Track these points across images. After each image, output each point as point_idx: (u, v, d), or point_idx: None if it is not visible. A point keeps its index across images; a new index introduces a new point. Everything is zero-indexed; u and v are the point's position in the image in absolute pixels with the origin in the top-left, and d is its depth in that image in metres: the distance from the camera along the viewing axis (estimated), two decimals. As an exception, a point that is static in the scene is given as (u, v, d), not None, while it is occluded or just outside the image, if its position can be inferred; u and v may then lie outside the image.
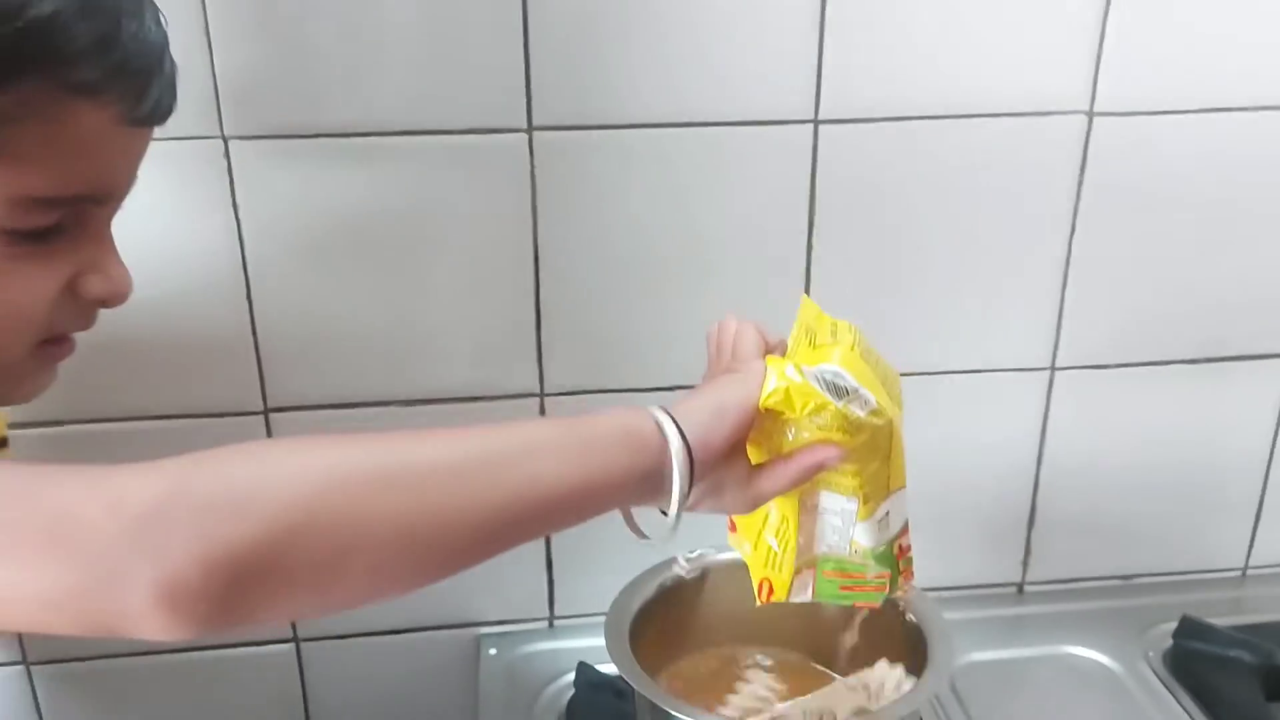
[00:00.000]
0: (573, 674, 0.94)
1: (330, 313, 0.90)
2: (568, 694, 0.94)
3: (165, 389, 0.90)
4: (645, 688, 0.75)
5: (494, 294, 0.91)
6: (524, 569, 1.00)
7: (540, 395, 0.95)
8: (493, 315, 0.92)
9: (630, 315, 0.93)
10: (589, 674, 0.93)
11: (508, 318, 0.92)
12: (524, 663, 0.99)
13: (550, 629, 1.03)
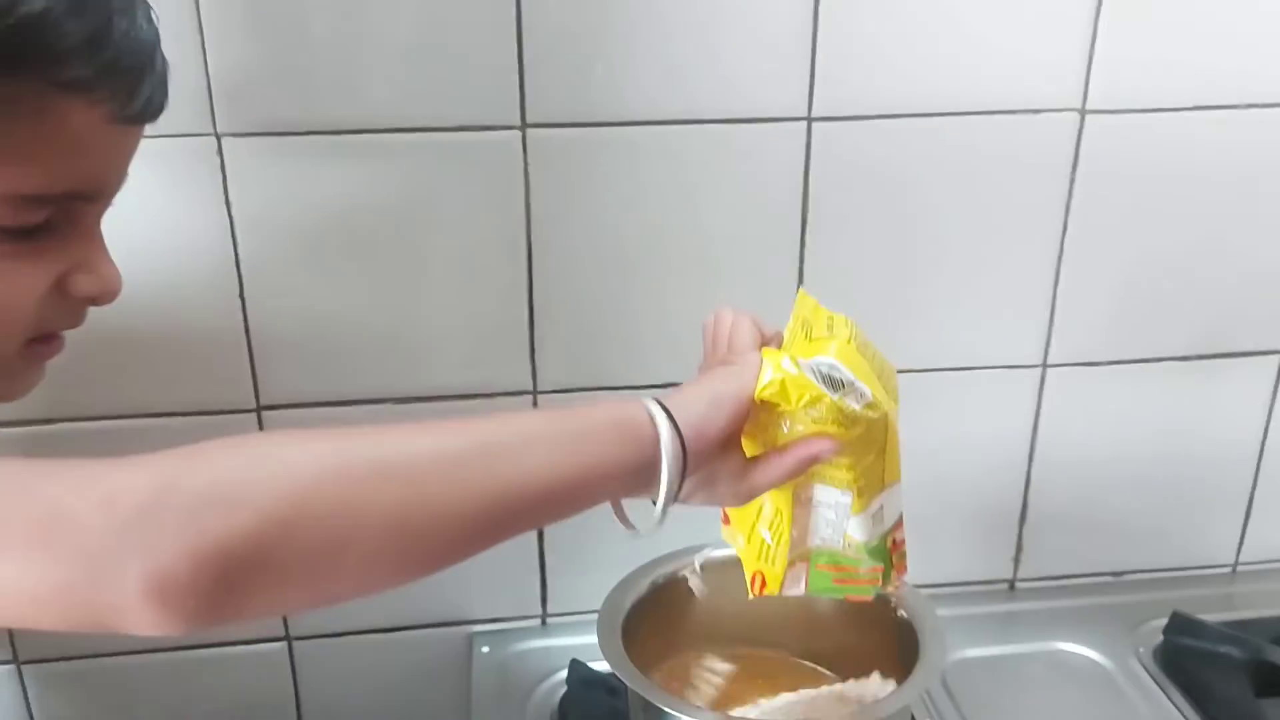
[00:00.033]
0: (565, 672, 0.94)
1: (323, 310, 0.90)
2: (560, 692, 0.94)
3: (157, 386, 0.90)
4: (638, 685, 0.74)
5: (487, 291, 0.91)
6: (517, 567, 1.00)
7: (533, 393, 0.95)
8: (486, 312, 0.92)
9: (623, 312, 0.93)
10: (582, 671, 0.93)
11: (501, 315, 0.92)
12: (517, 660, 0.99)
13: (543, 627, 1.03)
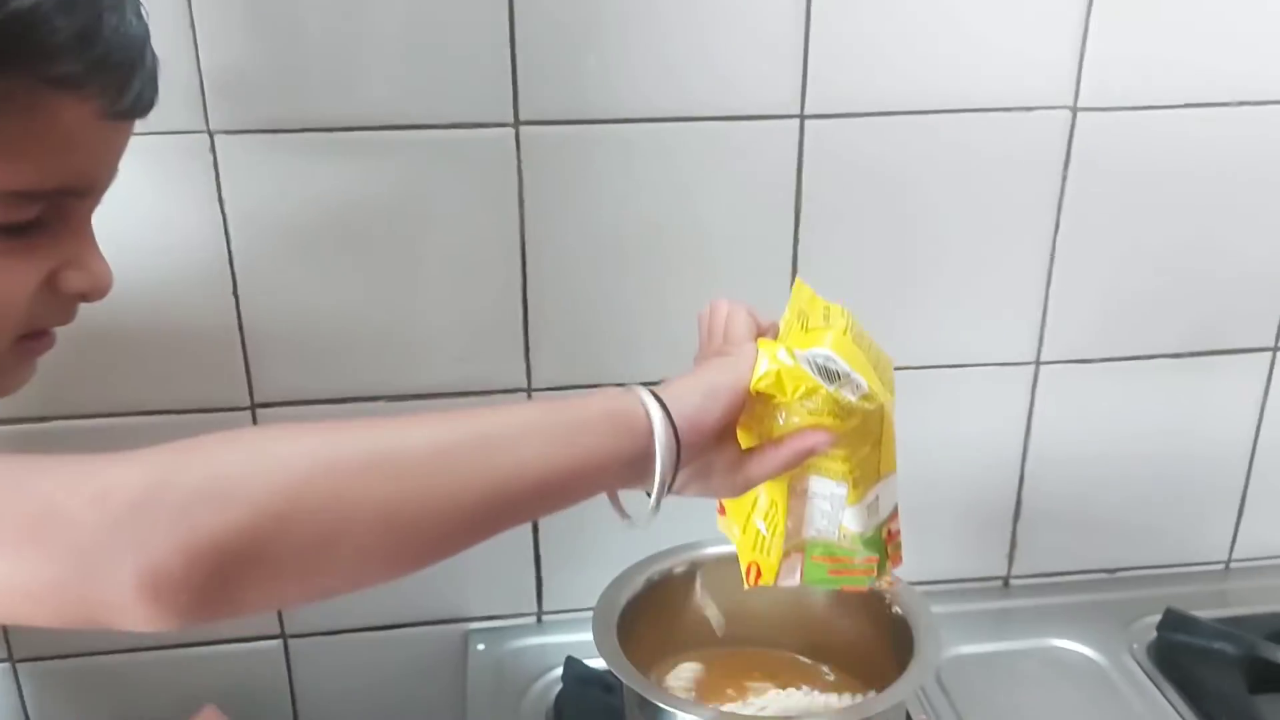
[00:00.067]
0: (561, 669, 0.94)
1: (317, 308, 0.90)
2: (556, 689, 0.94)
3: (151, 384, 0.90)
4: (634, 681, 0.74)
5: (481, 289, 0.91)
6: (512, 564, 1.00)
7: (528, 390, 0.95)
8: (480, 310, 0.92)
9: (617, 309, 0.93)
10: (577, 669, 0.93)
11: (495, 312, 0.92)
12: (512, 658, 0.99)
13: (538, 624, 1.03)
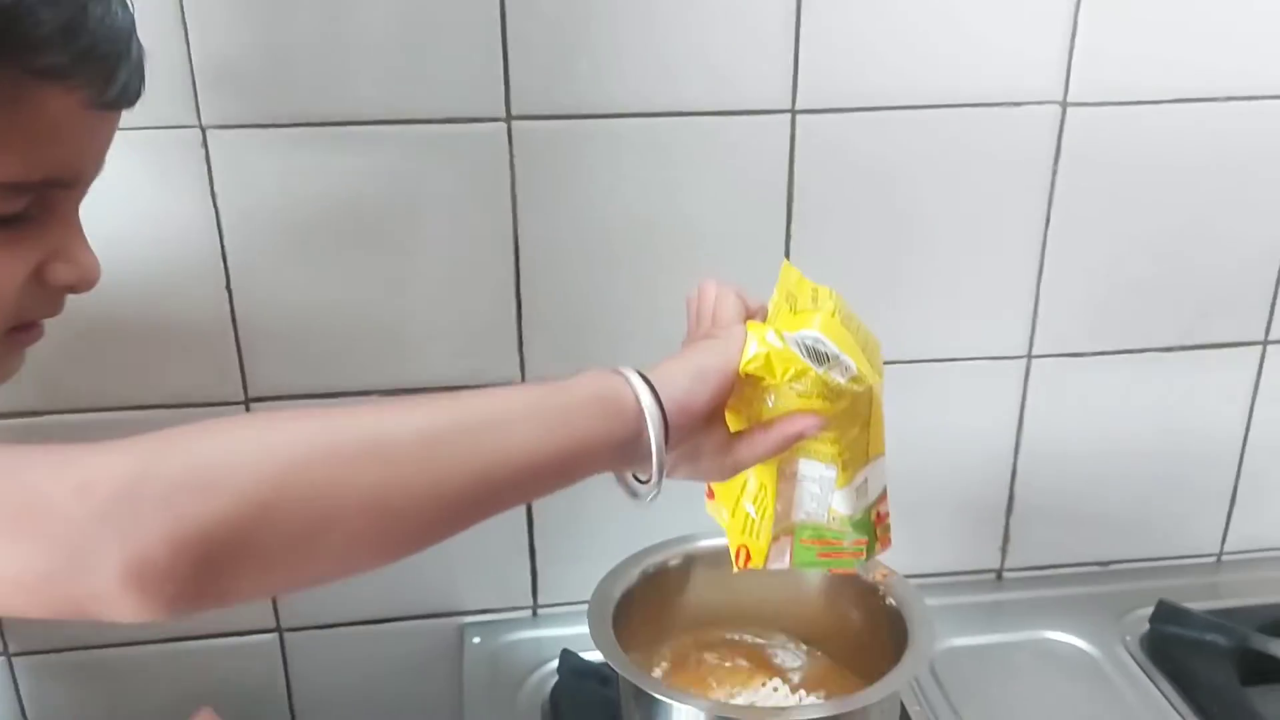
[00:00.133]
0: (556, 662, 0.94)
1: (310, 302, 0.90)
2: (552, 681, 0.94)
3: (145, 379, 0.90)
4: (629, 673, 0.74)
5: (474, 283, 0.91)
6: (507, 558, 1.00)
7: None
8: (473, 304, 0.92)
9: (610, 303, 0.93)
10: (573, 661, 0.93)
11: (488, 306, 0.92)
12: (508, 651, 0.99)
13: (534, 617, 1.03)
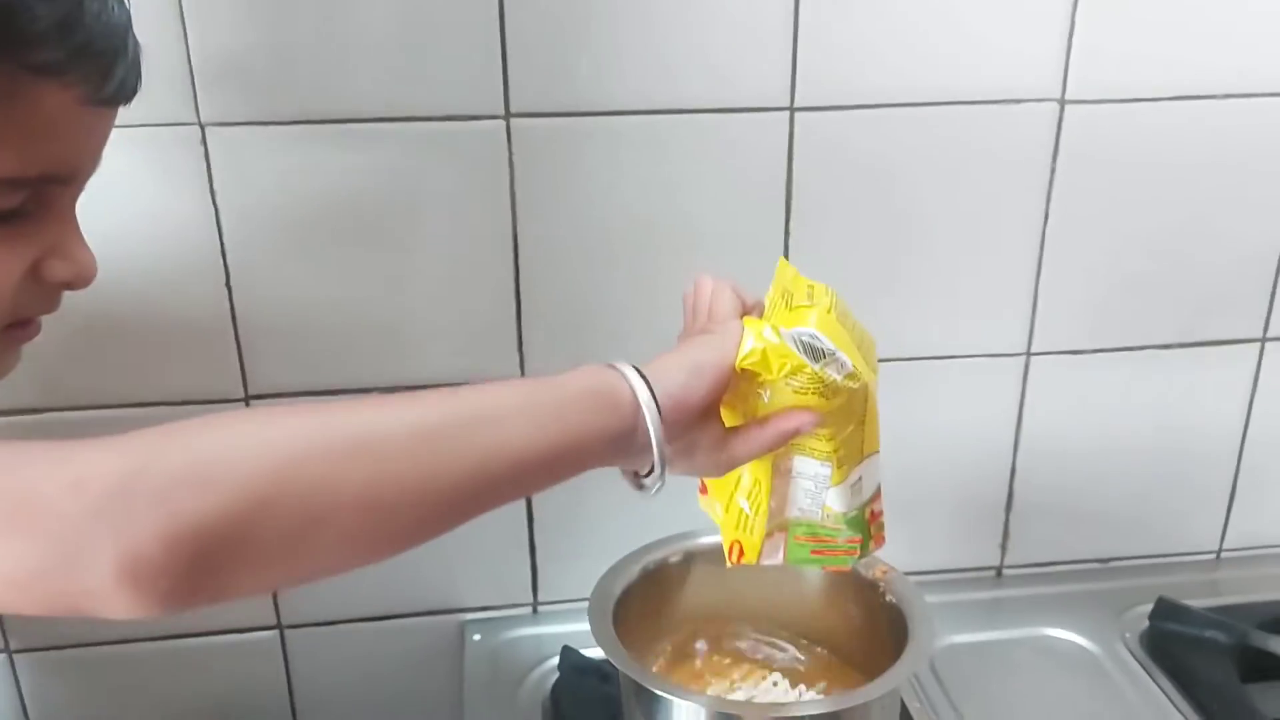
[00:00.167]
0: (557, 658, 0.94)
1: (310, 299, 0.90)
2: (552, 678, 0.95)
3: (146, 376, 0.90)
4: (630, 669, 0.74)
5: (474, 280, 0.91)
6: (507, 555, 1.00)
7: (522, 382, 0.95)
8: (473, 302, 0.92)
9: (610, 301, 0.93)
10: (573, 658, 0.93)
11: (488, 304, 0.92)
12: (508, 648, 0.99)
13: (534, 614, 1.03)
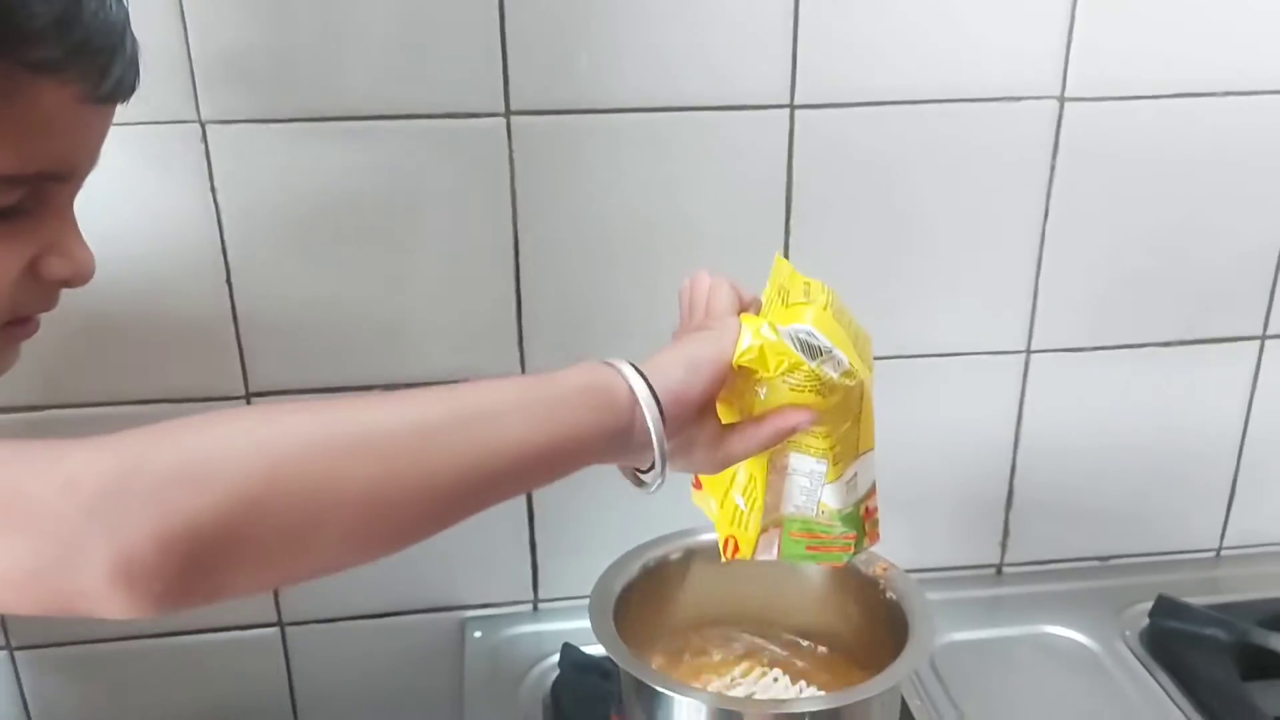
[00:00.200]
0: (557, 655, 0.95)
1: (311, 297, 0.90)
2: (553, 675, 0.95)
3: (146, 373, 0.90)
4: (631, 666, 0.74)
5: (475, 278, 0.91)
6: (508, 552, 1.01)
7: (523, 379, 0.95)
8: (474, 299, 0.92)
9: (611, 298, 0.93)
10: (574, 655, 0.93)
11: (489, 302, 0.92)
12: (509, 645, 1.00)
13: (535, 612, 1.03)
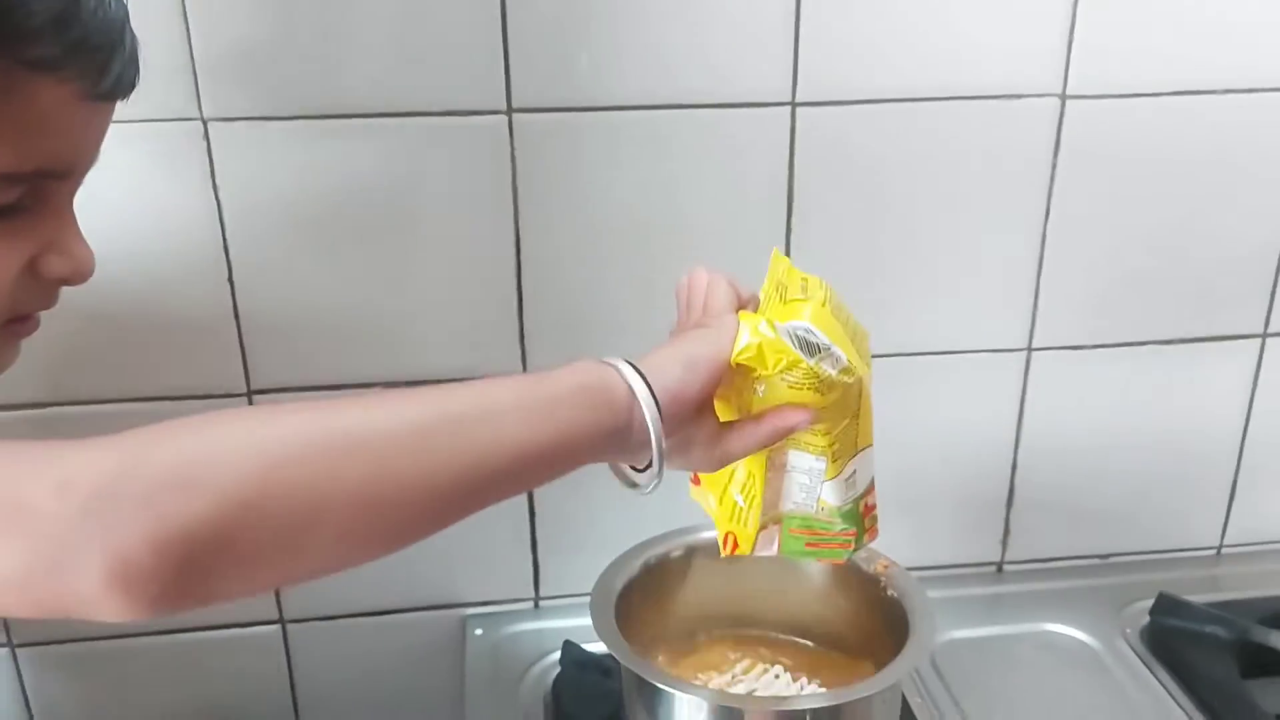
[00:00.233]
0: (559, 653, 0.95)
1: (312, 295, 0.90)
2: (554, 673, 0.95)
3: (148, 371, 0.90)
4: (632, 663, 0.74)
5: (476, 276, 0.91)
6: (509, 550, 1.01)
7: (524, 377, 0.95)
8: (475, 297, 0.92)
9: (612, 295, 0.93)
10: (575, 652, 0.93)
11: (490, 299, 0.92)
12: (510, 643, 1.00)
13: (536, 609, 1.03)
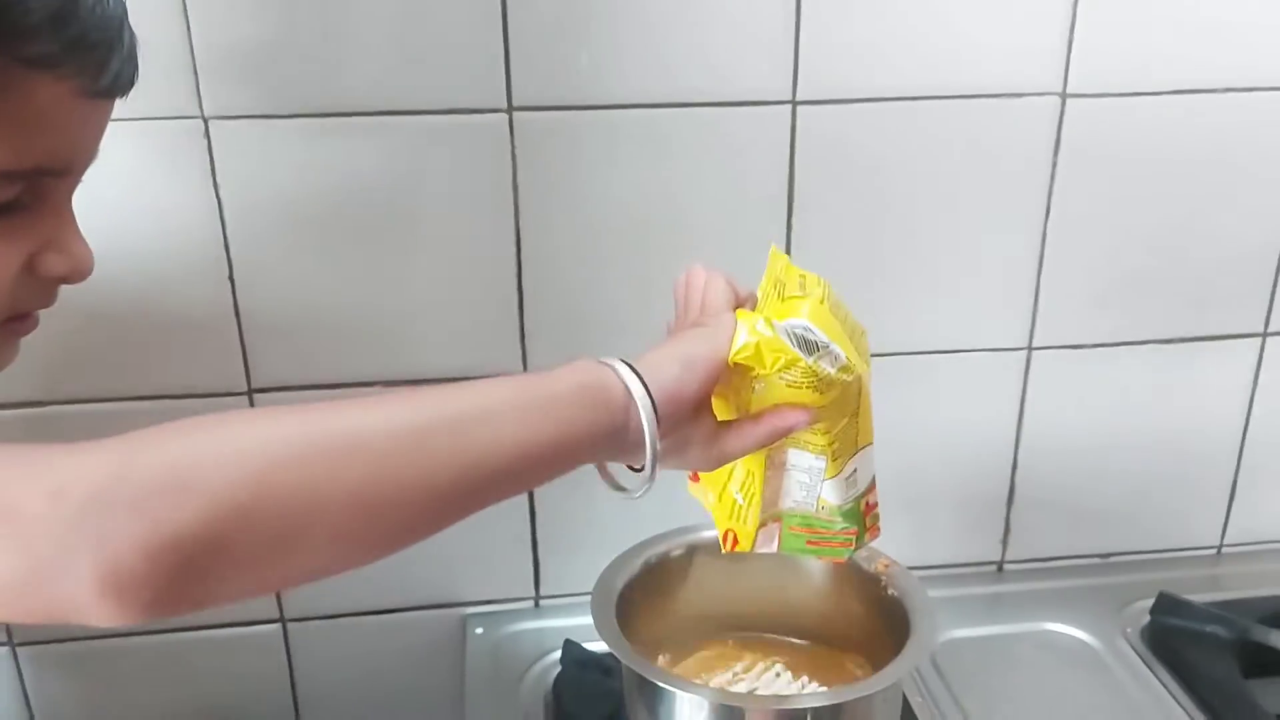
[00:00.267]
0: (559, 652, 0.95)
1: (313, 294, 0.90)
2: (554, 672, 0.95)
3: (149, 370, 0.90)
4: (633, 662, 0.74)
5: (477, 274, 0.91)
6: (510, 549, 1.01)
7: (525, 376, 0.95)
8: (476, 296, 0.92)
9: (613, 294, 0.93)
10: (575, 651, 0.93)
11: (491, 298, 0.92)
12: (510, 642, 1.00)
13: (536, 608, 1.03)
